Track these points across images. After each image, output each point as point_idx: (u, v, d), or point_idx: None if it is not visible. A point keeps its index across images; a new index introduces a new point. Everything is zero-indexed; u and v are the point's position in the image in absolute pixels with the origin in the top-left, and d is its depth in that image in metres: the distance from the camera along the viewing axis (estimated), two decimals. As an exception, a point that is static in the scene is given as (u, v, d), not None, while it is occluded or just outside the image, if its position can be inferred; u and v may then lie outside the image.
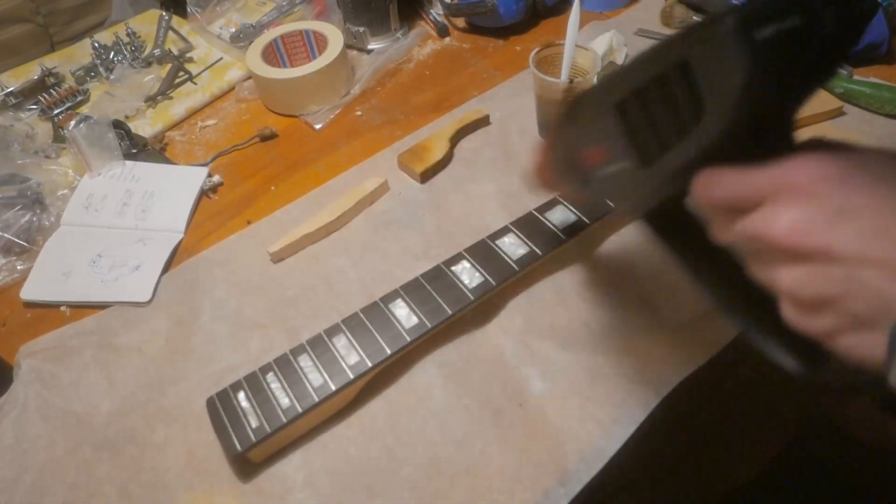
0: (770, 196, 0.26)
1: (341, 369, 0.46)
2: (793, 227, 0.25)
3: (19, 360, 0.52)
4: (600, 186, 0.37)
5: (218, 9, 0.87)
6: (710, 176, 0.28)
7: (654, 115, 0.29)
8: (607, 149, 0.34)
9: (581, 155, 0.36)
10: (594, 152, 0.35)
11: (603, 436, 0.44)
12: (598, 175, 0.36)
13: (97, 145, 0.66)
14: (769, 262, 0.27)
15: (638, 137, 0.31)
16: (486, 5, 0.79)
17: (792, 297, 0.26)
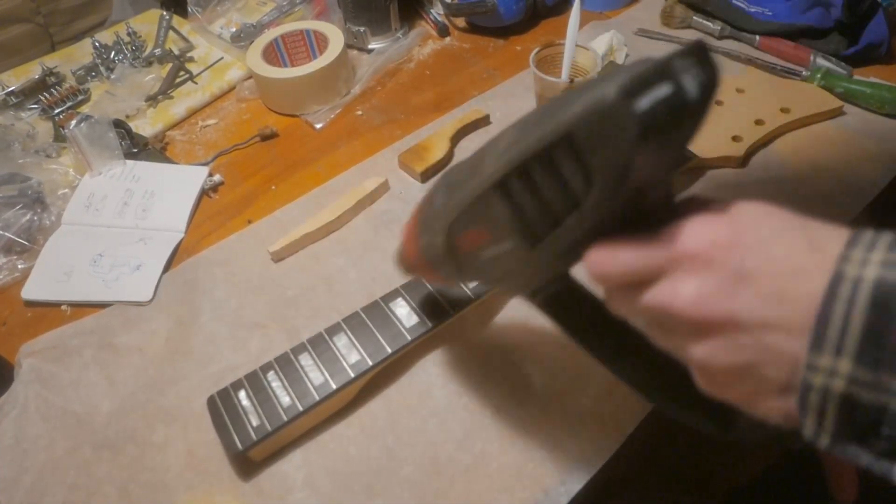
0: (667, 268, 0.25)
1: (342, 368, 0.46)
2: (695, 300, 0.24)
3: (19, 359, 0.52)
4: (480, 270, 0.34)
5: (218, 8, 0.87)
6: (602, 253, 0.27)
7: (538, 192, 0.28)
8: (487, 231, 0.31)
9: (455, 240, 0.34)
10: (471, 235, 0.32)
11: (603, 434, 0.44)
12: (477, 258, 0.33)
13: (98, 145, 0.66)
14: (676, 335, 0.26)
15: (522, 217, 0.29)
16: (486, 5, 0.79)
17: (705, 369, 0.26)
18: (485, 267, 0.33)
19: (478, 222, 0.31)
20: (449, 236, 0.34)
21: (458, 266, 0.35)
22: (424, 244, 0.36)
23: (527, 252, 0.30)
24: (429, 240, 0.36)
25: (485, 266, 0.33)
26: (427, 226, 0.36)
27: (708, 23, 0.79)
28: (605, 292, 0.29)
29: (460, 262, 0.34)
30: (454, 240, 0.34)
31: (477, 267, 0.34)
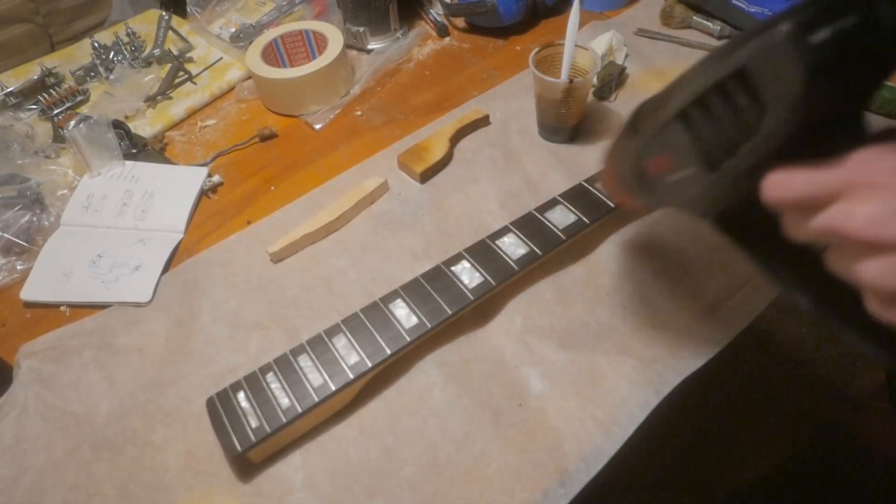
0: (844, 192, 0.26)
1: (341, 369, 0.46)
2: (871, 220, 0.25)
3: (19, 360, 0.52)
4: (668, 194, 0.37)
5: (218, 9, 0.87)
6: (779, 177, 0.28)
7: (716, 122, 0.30)
8: (672, 157, 0.34)
9: (645, 165, 0.37)
10: (659, 161, 0.35)
11: (603, 436, 0.44)
12: (664, 183, 0.36)
13: (97, 145, 0.66)
14: (849, 257, 0.27)
15: (702, 144, 0.31)
16: (486, 5, 0.79)
17: (876, 289, 0.27)
18: (670, 190, 0.36)
19: (663, 149, 0.34)
20: (637, 162, 0.37)
21: (648, 189, 0.38)
22: (619, 169, 0.40)
23: (707, 177, 0.32)
24: (621, 167, 0.39)
25: (670, 189, 0.36)
26: (620, 154, 0.39)
27: (708, 23, 0.79)
28: (782, 215, 0.30)
29: (649, 186, 0.37)
30: (642, 165, 0.37)
31: (663, 190, 0.36)
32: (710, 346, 0.49)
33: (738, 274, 0.54)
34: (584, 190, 0.57)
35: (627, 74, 0.75)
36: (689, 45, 0.78)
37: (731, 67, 0.28)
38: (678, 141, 0.33)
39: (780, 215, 0.30)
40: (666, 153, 0.34)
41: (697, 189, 0.34)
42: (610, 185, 0.43)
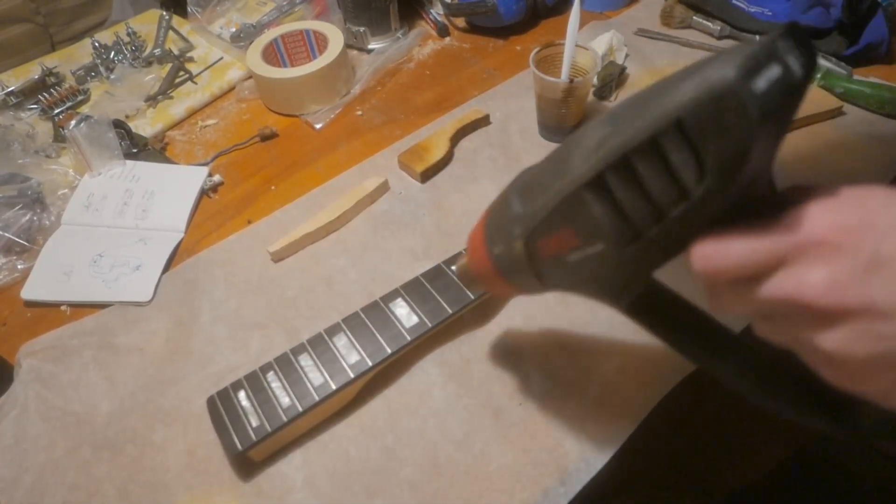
0: (789, 257, 0.24)
1: (342, 368, 0.46)
2: (829, 286, 0.23)
3: (19, 359, 0.52)
4: (562, 276, 0.33)
5: (218, 8, 0.87)
6: (712, 246, 0.25)
7: (640, 186, 0.26)
8: (576, 232, 0.29)
9: (538, 245, 0.32)
10: (555, 239, 0.31)
11: (603, 436, 0.44)
12: (562, 263, 0.31)
13: (97, 145, 0.66)
14: (799, 326, 0.25)
15: (619, 214, 0.27)
16: (486, 5, 0.79)
17: (838, 361, 0.24)
18: (568, 272, 0.32)
19: (564, 224, 0.30)
20: (530, 242, 0.32)
21: (538, 273, 0.33)
22: (498, 253, 0.35)
23: (619, 252, 0.28)
24: (504, 248, 0.34)
25: (568, 271, 0.32)
26: (502, 234, 0.34)
27: (708, 23, 0.79)
28: (710, 289, 0.28)
29: (540, 268, 0.33)
30: (535, 245, 0.32)
31: (559, 273, 0.32)
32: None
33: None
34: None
35: (627, 74, 0.75)
36: (689, 45, 0.78)
37: (666, 118, 0.24)
38: (586, 213, 0.28)
39: (710, 289, 0.27)
40: (567, 229, 0.30)
41: (606, 268, 0.30)
42: (479, 272, 0.37)
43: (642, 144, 0.25)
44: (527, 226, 0.32)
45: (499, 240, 0.34)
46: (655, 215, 0.26)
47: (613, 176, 0.26)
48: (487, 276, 0.37)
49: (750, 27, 0.77)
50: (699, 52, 0.77)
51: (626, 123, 0.26)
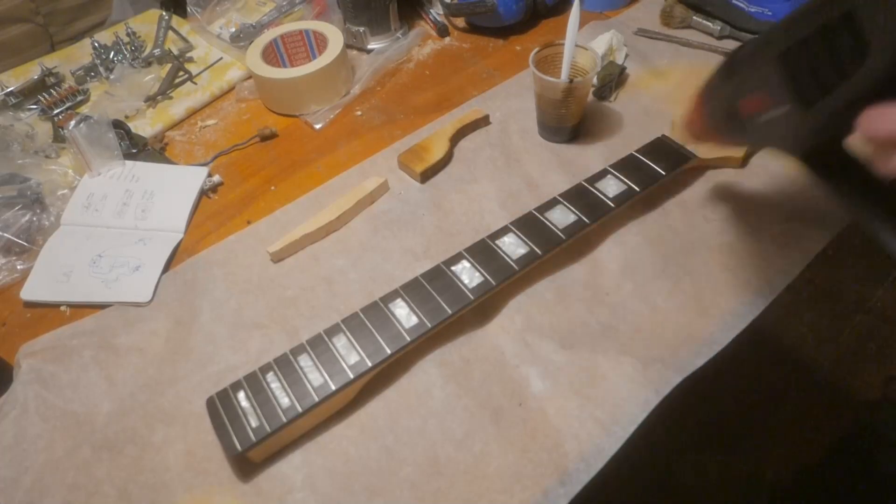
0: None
1: (341, 369, 0.46)
2: None
3: (19, 360, 0.52)
4: (759, 132, 0.39)
5: (218, 9, 0.87)
6: (876, 112, 0.30)
7: (817, 62, 0.32)
8: (767, 96, 0.36)
9: (740, 104, 0.39)
10: (754, 100, 0.38)
11: (603, 435, 0.44)
12: (757, 122, 0.38)
13: (97, 145, 0.66)
14: None
15: (800, 83, 0.33)
16: (486, 5, 0.79)
17: None
18: (762, 129, 0.38)
19: (759, 89, 0.37)
20: (733, 101, 0.40)
21: (739, 129, 0.40)
22: (710, 110, 0.43)
23: (801, 115, 0.34)
24: (715, 104, 0.42)
25: (762, 128, 0.38)
26: (711, 92, 0.43)
27: (708, 23, 0.79)
28: (874, 152, 0.31)
29: (740, 125, 0.40)
30: (737, 104, 0.39)
31: (755, 129, 0.39)
32: (711, 346, 0.49)
33: (738, 275, 0.54)
34: (584, 190, 0.57)
35: (627, 74, 0.75)
36: (689, 45, 0.78)
37: (838, 12, 0.30)
38: (776, 80, 0.35)
39: (870, 152, 0.31)
40: (762, 92, 0.37)
41: (790, 127, 0.36)
42: (696, 127, 0.47)
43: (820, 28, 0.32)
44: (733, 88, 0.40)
45: (711, 98, 0.43)
46: (826, 86, 0.32)
47: (796, 52, 0.34)
48: (702, 129, 0.46)
49: (750, 27, 0.77)
50: (699, 52, 0.77)
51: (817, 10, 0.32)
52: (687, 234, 0.57)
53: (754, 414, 1.18)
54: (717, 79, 0.42)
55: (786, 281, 0.53)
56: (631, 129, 0.68)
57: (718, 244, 0.56)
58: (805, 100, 0.34)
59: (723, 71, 0.41)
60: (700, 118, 0.45)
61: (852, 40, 0.30)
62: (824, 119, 0.33)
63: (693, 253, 0.56)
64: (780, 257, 0.54)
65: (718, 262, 0.55)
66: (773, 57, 0.35)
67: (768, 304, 0.52)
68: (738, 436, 1.14)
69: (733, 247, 0.56)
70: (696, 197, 0.60)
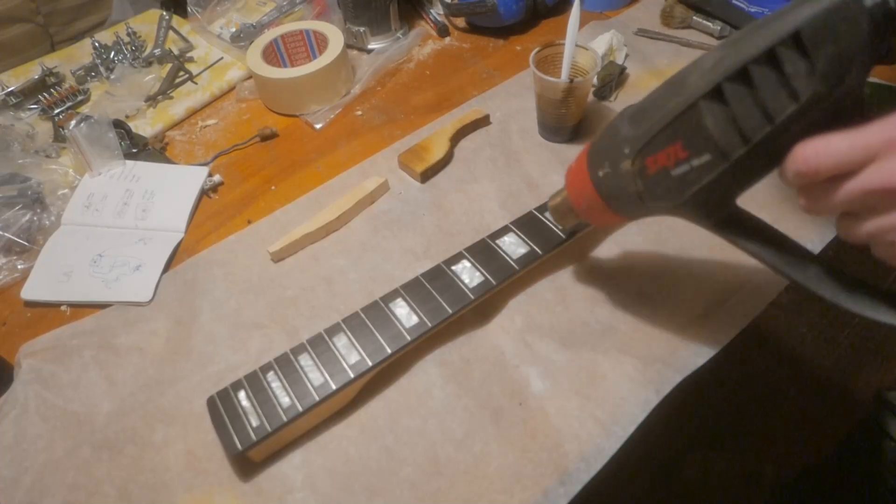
0: (882, 152, 0.28)
1: (342, 368, 0.46)
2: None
3: (19, 359, 0.52)
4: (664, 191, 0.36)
5: (218, 9, 0.87)
6: (812, 145, 0.29)
7: (755, 93, 0.31)
8: (683, 146, 0.34)
9: (647, 162, 0.36)
10: (662, 155, 0.35)
11: (603, 435, 0.44)
12: (663, 180, 0.36)
13: (97, 145, 0.66)
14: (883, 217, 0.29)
15: (732, 122, 0.32)
16: (486, 5, 0.79)
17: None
18: (672, 185, 0.36)
19: (674, 139, 0.34)
20: (638, 159, 0.36)
21: (640, 192, 0.37)
22: (602, 175, 0.40)
23: (724, 161, 0.33)
24: (610, 169, 0.39)
25: (672, 185, 0.36)
26: (609, 155, 0.39)
27: (708, 23, 0.79)
28: (804, 190, 0.32)
29: (645, 184, 0.37)
30: (644, 162, 0.36)
31: (661, 189, 0.36)
32: (710, 346, 0.49)
33: (738, 274, 0.54)
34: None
35: (628, 74, 0.75)
36: (689, 45, 0.78)
37: (785, 30, 0.29)
38: (698, 124, 0.33)
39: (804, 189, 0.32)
40: (676, 143, 0.34)
41: (708, 178, 0.34)
42: (577, 201, 0.43)
43: (761, 55, 0.30)
44: (637, 144, 0.36)
45: (605, 162, 0.39)
46: (765, 120, 0.31)
47: (730, 86, 0.31)
48: (587, 200, 0.42)
49: (750, 27, 0.77)
50: (699, 52, 0.77)
51: (746, 42, 0.31)
52: (687, 233, 0.57)
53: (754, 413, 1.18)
54: (612, 135, 0.39)
55: (786, 281, 0.53)
56: (631, 129, 0.68)
57: (718, 244, 0.56)
58: (736, 141, 0.32)
59: (619, 126, 0.38)
60: (584, 189, 0.41)
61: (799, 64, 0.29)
62: (752, 161, 0.33)
63: (693, 252, 0.56)
64: (780, 257, 0.54)
65: (718, 261, 0.55)
66: (701, 94, 0.33)
67: (769, 302, 0.52)
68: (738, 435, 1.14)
69: (733, 247, 0.56)
70: (697, 197, 0.60)
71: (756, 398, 1.20)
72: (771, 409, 1.19)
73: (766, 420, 1.17)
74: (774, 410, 1.18)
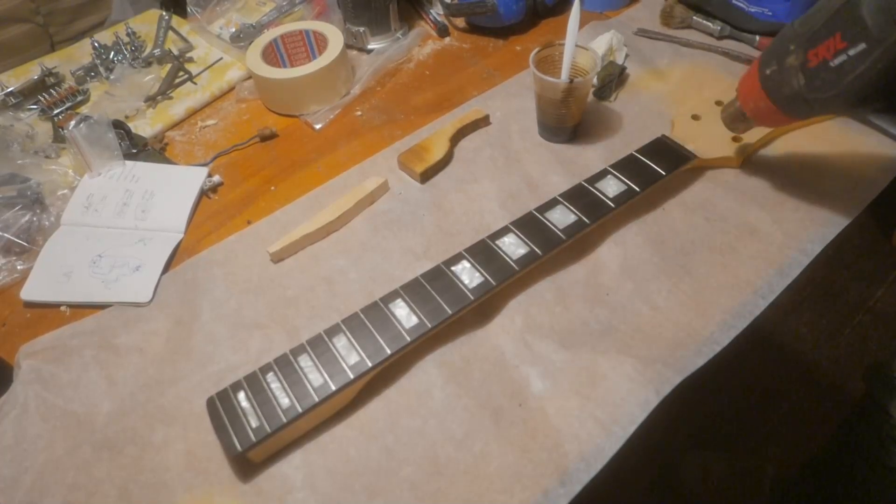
0: None
1: (341, 369, 0.46)
2: None
3: (19, 360, 0.52)
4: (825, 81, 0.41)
5: (218, 9, 0.87)
6: None
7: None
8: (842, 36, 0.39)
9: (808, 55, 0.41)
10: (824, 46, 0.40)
11: (603, 435, 0.44)
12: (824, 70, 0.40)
13: (97, 145, 0.66)
14: None
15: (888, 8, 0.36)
16: (486, 5, 0.79)
17: None
18: (832, 75, 0.41)
19: (834, 30, 0.40)
20: (803, 51, 0.42)
21: (803, 84, 0.43)
22: (770, 73, 0.46)
23: (876, 48, 0.37)
24: (777, 66, 0.45)
25: (832, 74, 0.41)
26: (776, 54, 0.46)
27: (708, 23, 0.79)
28: None
29: (806, 77, 0.43)
30: (806, 56, 0.42)
31: (820, 79, 0.41)
32: (710, 346, 0.49)
33: (738, 274, 0.54)
34: (584, 190, 0.57)
35: (628, 74, 0.75)
36: (689, 45, 0.78)
37: None
38: (855, 14, 0.38)
39: None
40: (836, 34, 0.39)
41: (861, 66, 0.38)
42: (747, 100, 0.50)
43: None
44: (801, 39, 0.42)
45: (773, 61, 0.46)
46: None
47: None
48: (755, 101, 0.49)
49: (750, 27, 0.77)
50: (699, 52, 0.77)
51: None
52: (687, 234, 0.57)
53: (754, 413, 1.18)
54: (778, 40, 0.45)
55: (786, 281, 0.53)
56: (631, 129, 0.68)
57: (718, 244, 0.56)
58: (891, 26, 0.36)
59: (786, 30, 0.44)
60: (753, 90, 0.48)
61: None
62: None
63: (693, 253, 0.56)
64: (779, 257, 0.54)
65: (718, 262, 0.55)
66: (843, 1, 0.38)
67: (768, 304, 0.52)
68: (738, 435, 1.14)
69: (733, 247, 0.56)
70: (696, 197, 0.60)
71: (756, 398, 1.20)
72: (771, 408, 1.19)
73: (765, 420, 1.17)
74: (774, 410, 1.18)
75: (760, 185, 0.61)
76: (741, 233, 0.57)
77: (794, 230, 0.56)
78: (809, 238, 0.55)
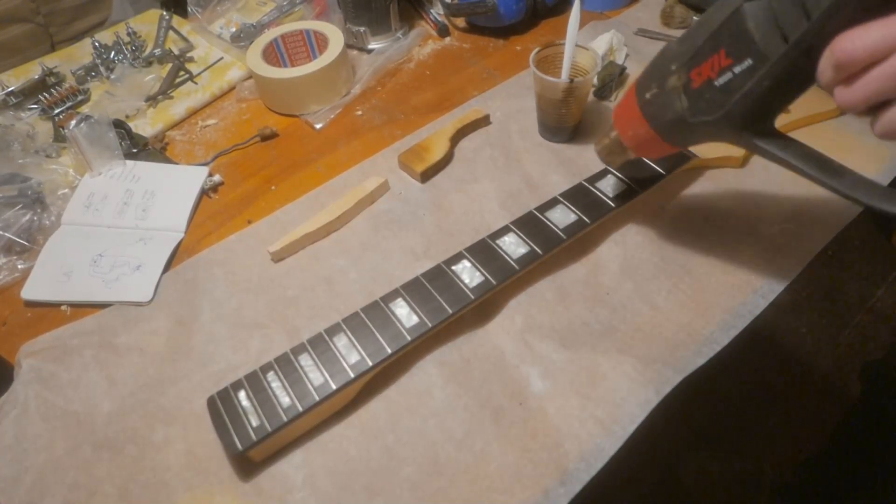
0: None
1: (342, 368, 0.46)
2: None
3: (19, 359, 0.52)
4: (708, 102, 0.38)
5: (218, 8, 0.87)
6: (849, 36, 0.31)
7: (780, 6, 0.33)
8: (727, 53, 0.36)
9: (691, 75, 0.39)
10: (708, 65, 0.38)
11: (603, 435, 0.44)
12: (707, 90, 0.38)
13: (98, 145, 0.66)
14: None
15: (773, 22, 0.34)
16: (486, 5, 0.79)
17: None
18: (715, 97, 0.38)
19: (718, 47, 0.37)
20: (684, 72, 0.39)
21: (686, 107, 0.40)
22: (650, 98, 0.43)
23: (763, 64, 0.35)
24: (658, 90, 0.42)
25: (716, 96, 0.38)
26: (656, 76, 0.42)
27: (708, 23, 0.79)
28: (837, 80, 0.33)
29: (689, 100, 0.40)
30: (689, 76, 0.39)
31: (704, 101, 0.39)
32: (710, 346, 0.49)
33: (738, 273, 0.54)
34: (584, 189, 0.57)
35: (628, 74, 0.75)
36: (689, 45, 0.78)
37: None
38: (740, 29, 0.35)
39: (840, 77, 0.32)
40: (720, 50, 0.37)
41: (751, 81, 0.36)
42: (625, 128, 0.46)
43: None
44: (683, 58, 0.39)
45: (652, 84, 0.42)
46: (804, 15, 0.32)
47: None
48: (634, 129, 0.45)
49: (750, 27, 0.77)
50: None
51: None
52: (687, 233, 0.57)
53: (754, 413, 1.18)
54: (660, 57, 0.42)
55: (786, 281, 0.53)
56: (631, 129, 0.68)
57: (718, 244, 0.56)
58: (776, 41, 0.34)
59: (667, 49, 0.41)
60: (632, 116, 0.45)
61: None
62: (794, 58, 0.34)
63: (693, 253, 0.56)
64: (780, 257, 0.54)
65: (718, 262, 0.55)
66: (727, 15, 0.36)
67: (768, 304, 0.52)
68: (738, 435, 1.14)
69: (733, 247, 0.56)
70: (696, 197, 0.60)
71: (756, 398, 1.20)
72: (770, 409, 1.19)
73: (765, 420, 1.17)
74: (774, 410, 1.18)
75: (760, 185, 0.61)
76: (741, 233, 0.57)
77: (793, 230, 0.56)
78: (809, 238, 0.55)
